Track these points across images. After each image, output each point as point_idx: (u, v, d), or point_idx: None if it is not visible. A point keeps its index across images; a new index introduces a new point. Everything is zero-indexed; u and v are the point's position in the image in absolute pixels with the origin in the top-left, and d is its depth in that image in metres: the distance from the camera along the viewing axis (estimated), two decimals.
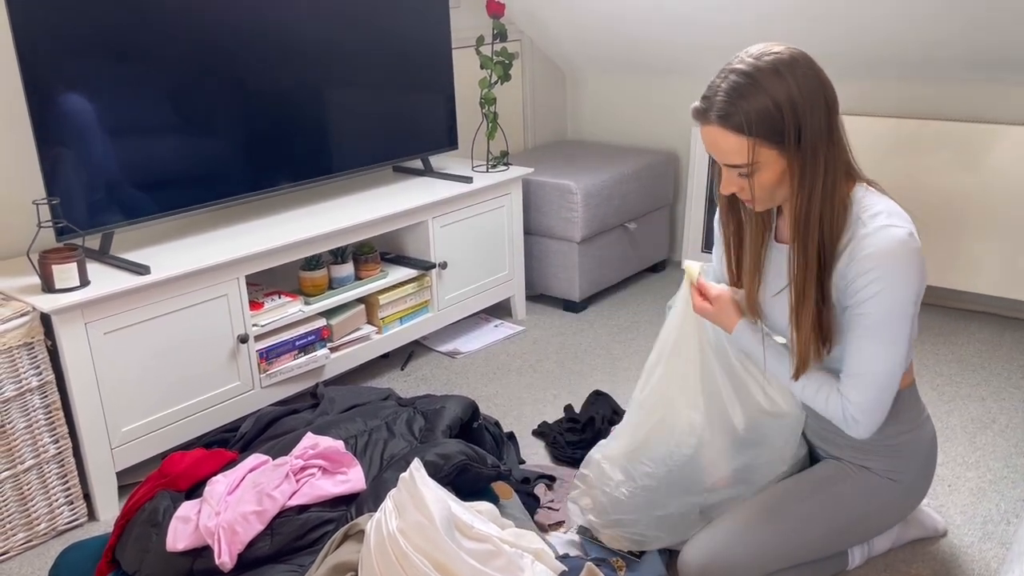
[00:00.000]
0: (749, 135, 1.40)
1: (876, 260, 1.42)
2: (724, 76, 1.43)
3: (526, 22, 3.52)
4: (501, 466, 1.77)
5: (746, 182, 1.47)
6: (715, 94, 1.43)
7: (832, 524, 1.64)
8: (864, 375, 1.49)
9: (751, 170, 1.44)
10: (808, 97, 1.40)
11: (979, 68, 2.77)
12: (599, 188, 3.10)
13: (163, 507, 1.67)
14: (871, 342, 1.47)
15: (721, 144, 1.44)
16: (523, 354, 2.89)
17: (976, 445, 2.23)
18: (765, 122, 1.39)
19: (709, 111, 1.43)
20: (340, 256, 2.55)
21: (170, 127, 2.22)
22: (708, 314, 1.67)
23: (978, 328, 2.93)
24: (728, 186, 1.50)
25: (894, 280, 1.42)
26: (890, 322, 1.45)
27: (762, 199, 1.50)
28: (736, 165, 1.45)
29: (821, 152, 1.42)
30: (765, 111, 1.39)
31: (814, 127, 1.41)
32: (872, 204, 1.47)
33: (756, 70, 1.40)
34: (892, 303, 1.44)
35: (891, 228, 1.43)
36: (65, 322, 1.92)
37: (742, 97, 1.40)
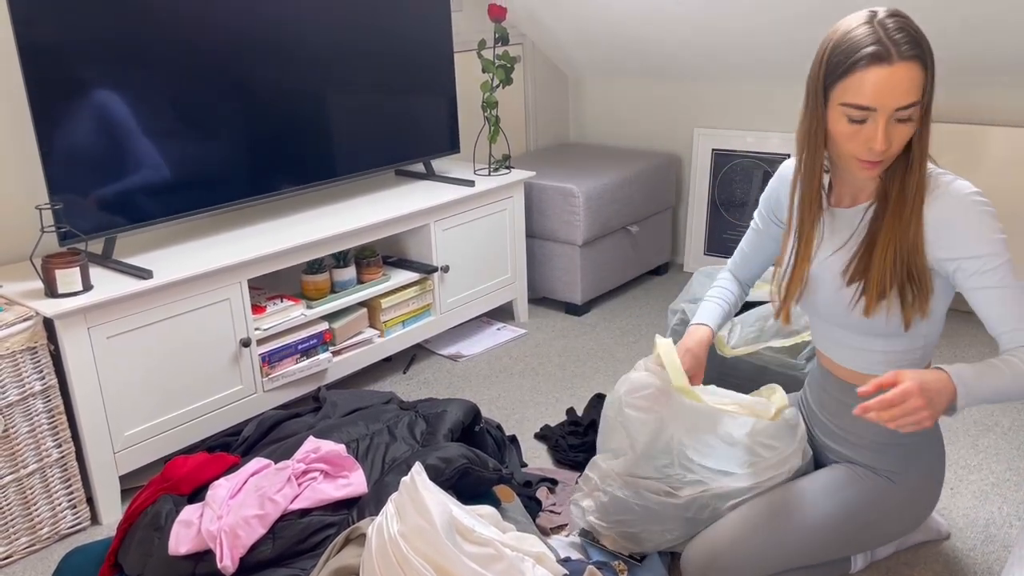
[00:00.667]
0: (927, 69, 1.40)
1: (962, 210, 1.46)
2: (880, 23, 1.41)
3: (527, 25, 3.53)
4: (503, 469, 1.77)
5: (900, 130, 1.44)
6: (889, 36, 1.39)
7: (837, 530, 1.63)
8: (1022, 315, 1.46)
9: (916, 109, 1.42)
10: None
11: (977, 71, 2.77)
12: (601, 191, 3.10)
13: (165, 511, 1.67)
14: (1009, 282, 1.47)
15: (908, 80, 1.39)
16: (525, 357, 2.89)
17: (979, 448, 2.23)
18: (931, 59, 1.41)
19: (895, 47, 1.38)
20: (342, 260, 2.55)
21: (172, 131, 2.22)
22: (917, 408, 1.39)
23: (981, 330, 2.93)
24: (888, 137, 1.43)
25: (985, 223, 1.46)
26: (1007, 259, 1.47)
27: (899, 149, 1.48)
28: (913, 104, 1.41)
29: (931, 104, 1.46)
30: (928, 48, 1.40)
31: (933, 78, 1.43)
32: (940, 174, 1.52)
33: (897, 11, 1.42)
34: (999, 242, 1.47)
35: (957, 181, 1.49)
36: (68, 326, 1.92)
37: (921, 35, 1.40)
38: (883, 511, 1.65)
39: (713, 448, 1.71)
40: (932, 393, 1.38)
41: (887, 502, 1.64)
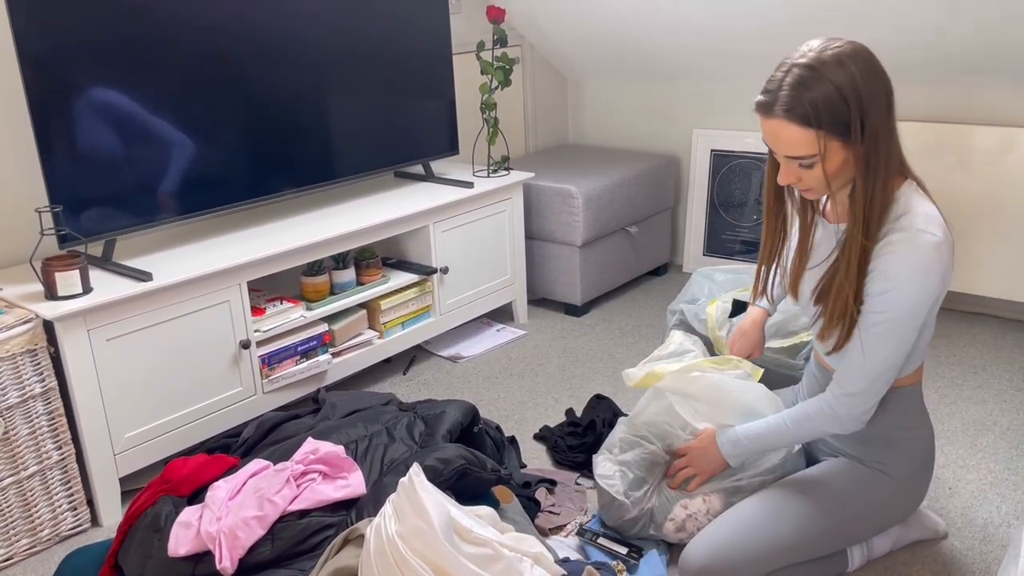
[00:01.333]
0: (816, 127, 1.41)
1: (898, 260, 1.45)
2: (787, 70, 1.44)
3: (526, 27, 3.53)
4: (501, 470, 1.78)
5: (806, 173, 1.48)
6: (779, 87, 1.43)
7: (829, 522, 1.65)
8: (859, 366, 1.53)
9: (814, 161, 1.45)
10: (871, 87, 1.41)
11: (983, 71, 2.77)
12: (600, 192, 3.11)
13: (165, 512, 1.68)
14: (868, 337, 1.51)
15: (785, 137, 1.45)
16: (525, 358, 2.89)
17: (977, 447, 2.23)
18: (832, 113, 1.40)
19: (774, 104, 1.44)
20: (342, 261, 2.56)
21: (172, 134, 2.23)
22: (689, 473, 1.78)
23: (980, 330, 2.93)
24: (787, 176, 1.51)
25: (911, 283, 1.46)
26: (896, 321, 1.48)
27: (821, 189, 1.51)
28: (799, 157, 1.46)
29: (883, 142, 1.44)
30: (831, 102, 1.40)
31: (877, 117, 1.42)
32: (916, 205, 1.49)
33: (819, 62, 1.41)
34: (901, 303, 1.47)
35: (924, 234, 1.45)
36: (68, 329, 1.93)
37: (807, 89, 1.40)
38: (874, 502, 1.67)
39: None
40: (698, 458, 1.76)
41: (878, 493, 1.67)
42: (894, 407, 1.65)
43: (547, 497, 2.05)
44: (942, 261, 1.46)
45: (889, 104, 1.45)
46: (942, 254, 1.46)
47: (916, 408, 1.68)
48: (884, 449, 1.67)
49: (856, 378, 1.55)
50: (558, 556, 1.64)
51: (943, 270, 1.47)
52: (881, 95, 1.43)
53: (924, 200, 1.51)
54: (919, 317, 1.49)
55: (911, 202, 1.50)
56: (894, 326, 1.49)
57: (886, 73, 1.46)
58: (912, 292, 1.46)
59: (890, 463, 1.67)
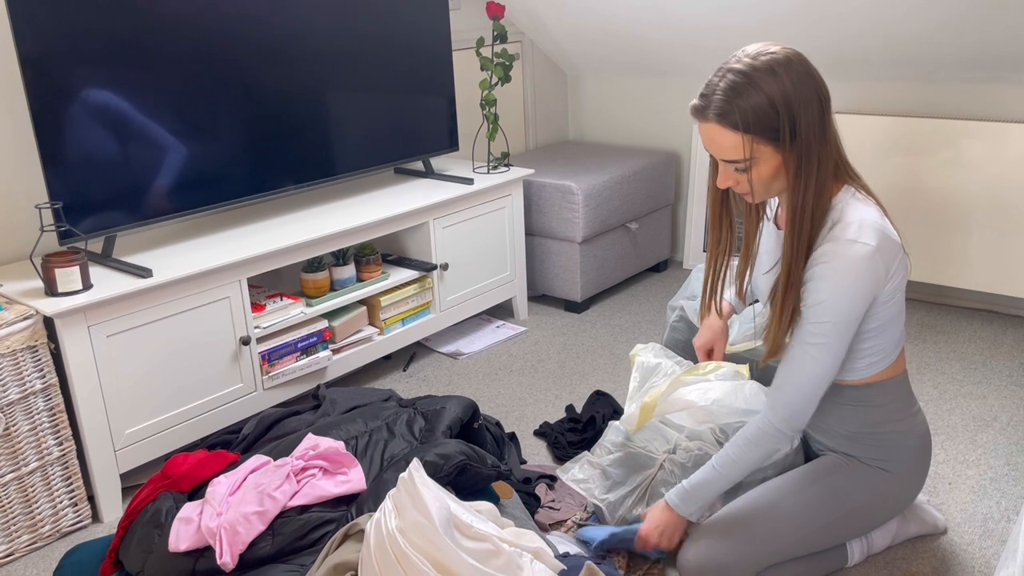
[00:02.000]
0: (745, 132, 1.45)
1: (829, 271, 1.49)
2: (722, 75, 1.48)
3: (526, 23, 3.53)
4: (501, 466, 1.78)
5: (742, 176, 1.52)
6: (713, 92, 1.48)
7: (828, 516, 1.65)
8: (790, 377, 1.57)
9: (748, 165, 1.49)
10: (802, 95, 1.45)
11: (975, 67, 2.77)
12: (600, 188, 3.11)
13: (166, 508, 1.68)
14: (802, 347, 1.55)
15: (718, 141, 1.49)
16: (525, 355, 2.89)
17: (977, 443, 2.23)
18: (761, 120, 1.44)
19: (707, 109, 1.48)
20: (341, 258, 2.56)
21: (172, 130, 2.23)
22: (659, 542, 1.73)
23: (980, 326, 2.93)
24: (725, 180, 1.55)
25: (841, 295, 1.49)
26: (825, 333, 1.52)
27: (759, 192, 1.55)
28: (733, 161, 1.50)
29: (815, 148, 1.48)
30: (761, 109, 1.44)
31: (808, 124, 1.46)
32: (850, 213, 1.52)
33: (752, 69, 1.45)
34: (832, 314, 1.50)
35: (854, 244, 1.48)
36: (68, 325, 1.93)
37: (739, 95, 1.44)
38: (872, 495, 1.67)
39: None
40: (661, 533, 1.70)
41: (875, 486, 1.67)
42: (881, 400, 1.66)
43: (547, 493, 2.06)
44: (873, 269, 1.48)
45: (823, 110, 1.48)
46: (874, 261, 1.48)
47: (902, 399, 1.69)
48: (877, 445, 1.67)
49: (793, 387, 1.57)
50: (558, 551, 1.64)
51: (874, 278, 1.49)
52: (813, 102, 1.46)
53: (860, 205, 1.53)
54: (852, 325, 1.52)
55: (846, 209, 1.52)
56: (827, 337, 1.52)
57: (820, 80, 1.49)
58: (842, 304, 1.49)
59: (885, 458, 1.67)
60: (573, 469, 1.99)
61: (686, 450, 1.83)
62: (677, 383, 1.89)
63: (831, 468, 1.69)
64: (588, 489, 1.93)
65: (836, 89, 3.13)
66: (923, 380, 2.57)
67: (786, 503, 1.65)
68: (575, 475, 1.97)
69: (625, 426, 1.90)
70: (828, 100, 1.49)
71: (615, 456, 1.92)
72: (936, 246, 2.96)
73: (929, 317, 3.02)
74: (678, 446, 1.85)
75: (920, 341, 2.84)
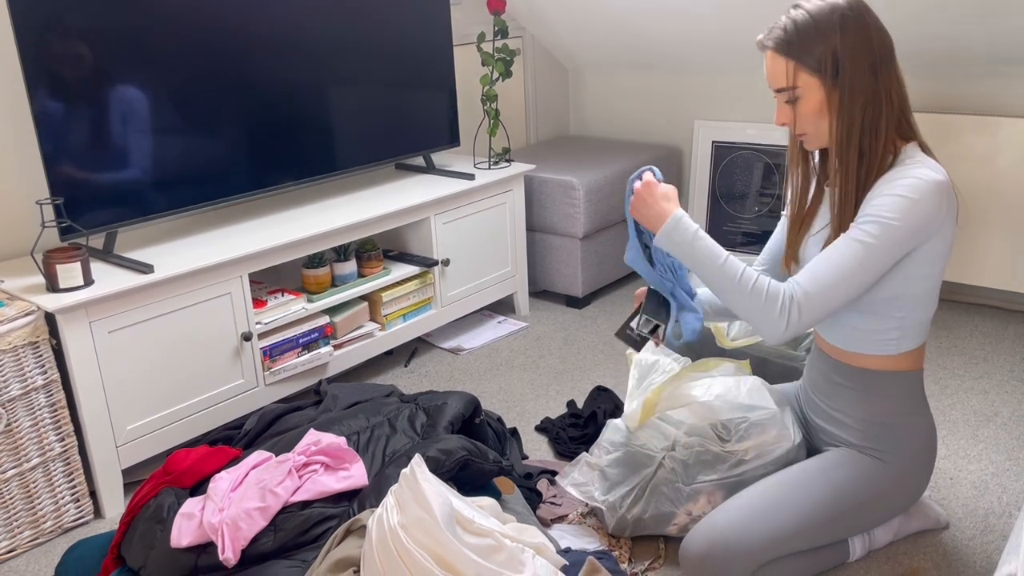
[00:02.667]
0: (790, 57, 1.54)
1: (892, 183, 1.51)
2: (788, 12, 1.58)
3: (527, 18, 3.52)
4: (503, 461, 1.78)
5: (793, 113, 1.59)
6: (775, 25, 1.58)
7: (831, 511, 1.65)
8: (821, 258, 1.55)
9: (794, 96, 1.57)
10: (853, 37, 1.52)
11: (981, 62, 2.76)
12: (601, 184, 3.11)
13: (167, 504, 1.68)
14: (845, 238, 1.54)
15: (770, 67, 1.59)
16: (526, 350, 2.89)
17: (979, 438, 2.23)
18: (806, 48, 1.53)
19: (769, 37, 1.58)
20: (343, 254, 2.56)
21: (172, 126, 2.23)
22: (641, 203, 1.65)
23: (982, 321, 2.93)
24: (780, 116, 1.62)
25: (898, 197, 1.50)
26: (871, 232, 1.51)
27: (811, 134, 1.61)
28: (780, 89, 1.58)
29: (860, 92, 1.53)
30: (808, 39, 1.53)
31: (856, 67, 1.52)
32: (921, 160, 1.54)
33: (816, 7, 1.55)
34: (886, 212, 1.50)
35: (923, 168, 1.51)
36: (69, 321, 1.93)
37: (795, 26, 1.54)
38: (875, 491, 1.67)
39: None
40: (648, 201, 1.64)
41: (879, 482, 1.67)
42: (895, 392, 1.66)
43: (548, 488, 2.06)
44: (937, 194, 1.49)
45: (877, 58, 1.53)
46: (939, 188, 1.50)
47: (916, 395, 1.69)
48: (885, 436, 1.68)
49: (817, 278, 1.53)
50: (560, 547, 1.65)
51: (936, 203, 1.49)
52: (865, 47, 1.53)
53: (928, 158, 1.56)
54: (900, 239, 1.50)
55: (916, 157, 1.55)
56: (871, 236, 1.50)
57: (880, 30, 1.55)
58: (899, 207, 1.49)
59: (891, 451, 1.67)
60: (572, 473, 1.98)
61: (686, 446, 1.83)
62: (679, 379, 1.89)
63: (835, 463, 1.69)
64: (587, 492, 1.92)
65: None
66: (925, 375, 2.57)
67: (788, 497, 1.65)
68: (574, 479, 1.96)
69: (627, 423, 1.90)
70: (887, 52, 1.55)
71: (613, 456, 1.92)
72: None
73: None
74: (677, 442, 1.84)
75: None
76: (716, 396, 1.83)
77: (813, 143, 1.63)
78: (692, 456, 1.81)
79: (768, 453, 1.78)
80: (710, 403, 1.83)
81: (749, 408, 1.81)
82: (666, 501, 1.80)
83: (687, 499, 1.79)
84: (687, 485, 1.79)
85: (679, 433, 1.85)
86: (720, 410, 1.82)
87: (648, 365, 1.97)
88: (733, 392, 1.84)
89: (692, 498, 1.79)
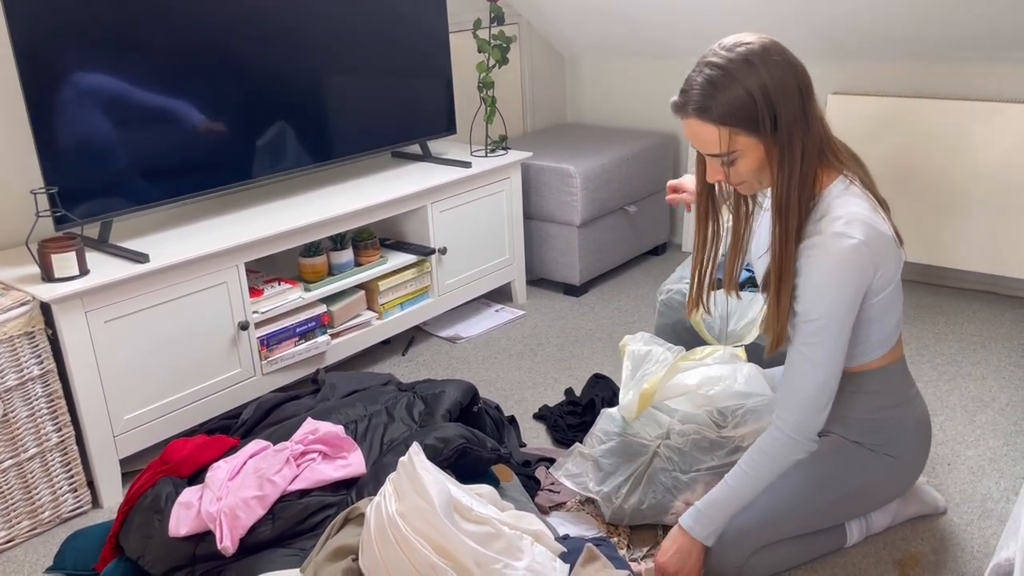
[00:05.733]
0: (724, 125, 1.47)
1: (815, 267, 1.49)
2: (699, 70, 1.49)
3: (523, 5, 3.50)
4: (501, 449, 1.78)
5: (730, 170, 1.53)
6: (691, 88, 1.50)
7: (827, 496, 1.66)
8: (792, 386, 1.57)
9: (733, 158, 1.50)
10: (780, 83, 1.45)
11: (974, 46, 2.75)
12: (598, 171, 3.10)
13: (165, 493, 1.68)
14: (798, 351, 1.55)
15: (700, 136, 1.51)
16: (524, 338, 2.89)
17: (976, 423, 2.23)
18: (740, 111, 1.45)
19: (687, 105, 1.50)
20: (339, 242, 2.55)
21: (167, 115, 2.21)
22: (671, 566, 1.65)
23: (979, 307, 2.93)
24: (713, 175, 1.56)
25: (824, 290, 1.49)
26: (817, 332, 1.51)
27: (749, 184, 1.57)
28: (716, 155, 1.51)
29: (798, 137, 1.48)
30: (739, 101, 1.45)
31: (789, 113, 1.46)
32: (839, 207, 1.51)
33: (729, 62, 1.46)
34: (821, 311, 1.50)
35: (840, 238, 1.48)
36: (65, 311, 1.92)
37: (716, 89, 1.46)
38: (868, 478, 1.68)
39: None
40: (675, 558, 1.62)
41: (872, 470, 1.67)
42: (877, 387, 1.65)
43: (547, 476, 2.06)
44: (859, 263, 1.48)
45: (804, 97, 1.48)
46: (860, 255, 1.48)
47: (899, 385, 1.69)
48: (874, 430, 1.67)
49: (797, 397, 1.56)
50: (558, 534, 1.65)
51: (861, 272, 1.49)
52: (793, 90, 1.46)
53: (851, 199, 1.52)
54: (845, 322, 1.52)
55: (835, 203, 1.52)
56: (820, 336, 1.52)
57: (800, 67, 1.49)
58: (829, 300, 1.49)
59: (881, 443, 1.67)
60: (566, 464, 1.97)
61: (680, 434, 1.82)
62: (675, 368, 1.88)
63: (831, 449, 1.68)
64: (581, 483, 1.91)
65: (834, 70, 3.11)
66: (922, 361, 2.57)
67: (785, 483, 1.65)
68: (568, 470, 1.95)
69: (623, 413, 1.90)
70: (809, 87, 1.50)
71: (607, 446, 1.91)
72: (935, 227, 2.95)
73: (928, 298, 3.02)
74: (671, 431, 1.84)
75: (919, 322, 2.84)
76: (712, 385, 1.83)
77: (752, 190, 1.60)
78: (688, 443, 1.81)
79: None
80: (707, 392, 1.83)
81: (746, 395, 1.82)
82: (663, 490, 1.80)
83: (684, 488, 1.79)
84: (685, 473, 1.79)
85: (673, 421, 1.85)
86: (717, 398, 1.82)
87: (641, 355, 1.97)
88: (729, 380, 1.84)
89: (690, 487, 1.79)
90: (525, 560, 1.39)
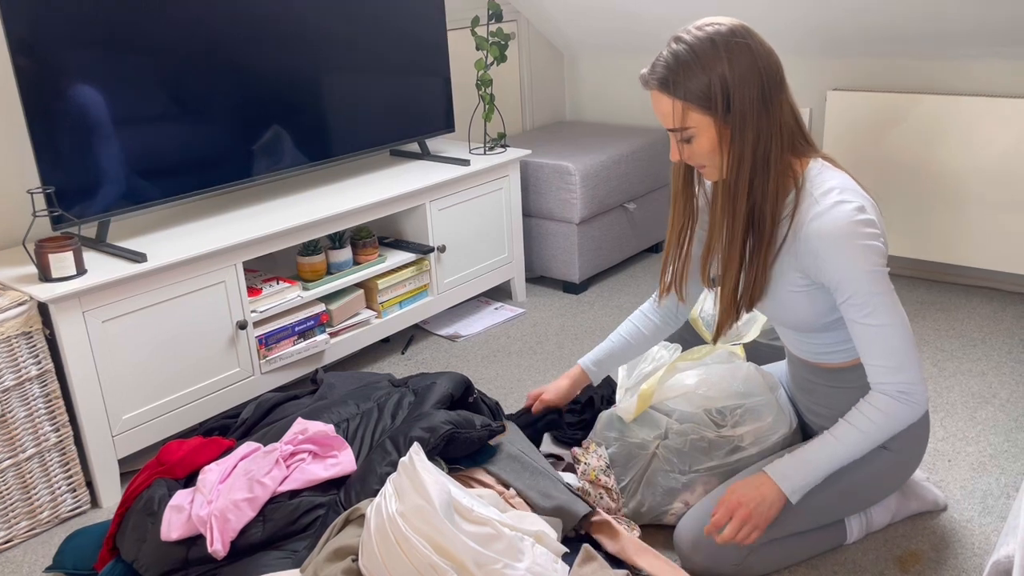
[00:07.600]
0: (679, 99, 1.49)
1: (832, 243, 1.48)
2: (669, 45, 1.52)
3: (522, 2, 3.49)
4: (493, 424, 1.76)
5: (688, 148, 1.55)
6: (658, 61, 1.53)
7: (826, 492, 1.65)
8: (880, 362, 1.53)
9: (687, 135, 1.53)
10: (739, 67, 1.47)
11: (975, 42, 2.74)
12: (598, 169, 3.09)
13: (159, 496, 1.67)
14: (865, 329, 1.52)
15: (659, 107, 1.54)
16: (523, 336, 2.89)
17: (977, 420, 2.23)
18: (695, 88, 1.48)
19: (651, 75, 1.54)
20: (338, 241, 2.54)
21: (165, 114, 2.21)
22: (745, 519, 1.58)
23: (979, 303, 2.93)
24: (674, 153, 1.59)
25: (857, 255, 1.48)
26: (871, 303, 1.50)
27: (709, 169, 1.57)
28: (673, 129, 1.54)
29: (751, 122, 1.49)
30: (695, 78, 1.48)
31: (744, 97, 1.47)
32: (825, 180, 1.53)
33: (695, 40, 1.49)
34: (868, 276, 1.48)
35: (841, 204, 1.48)
36: (63, 311, 1.92)
37: (679, 64, 1.49)
38: (867, 472, 1.67)
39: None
40: (752, 501, 1.56)
41: (870, 464, 1.66)
42: (860, 383, 1.64)
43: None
44: (869, 220, 1.48)
45: (766, 85, 1.48)
46: (866, 214, 1.48)
47: None
48: None
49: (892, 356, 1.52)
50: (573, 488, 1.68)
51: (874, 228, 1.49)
52: (753, 75, 1.47)
53: (835, 171, 1.54)
54: (884, 270, 1.50)
55: (820, 178, 1.53)
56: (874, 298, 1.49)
57: (768, 55, 1.50)
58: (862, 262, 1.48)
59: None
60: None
61: (679, 434, 1.80)
62: (673, 369, 1.88)
63: None
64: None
65: (833, 66, 3.10)
66: (922, 357, 2.57)
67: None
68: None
69: (623, 415, 1.88)
70: (774, 75, 1.50)
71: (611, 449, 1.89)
72: (935, 223, 2.94)
73: (928, 294, 3.01)
74: (670, 430, 1.82)
75: (919, 318, 2.83)
76: (711, 385, 1.82)
77: (713, 175, 1.59)
78: (687, 443, 1.80)
79: (766, 439, 1.77)
80: (705, 393, 1.82)
81: (745, 395, 1.81)
82: (663, 492, 1.79)
83: (683, 489, 1.78)
84: (683, 474, 1.79)
85: (671, 421, 1.83)
86: (715, 398, 1.81)
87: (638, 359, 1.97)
88: (728, 380, 1.83)
89: (688, 488, 1.78)
90: (525, 561, 1.38)
